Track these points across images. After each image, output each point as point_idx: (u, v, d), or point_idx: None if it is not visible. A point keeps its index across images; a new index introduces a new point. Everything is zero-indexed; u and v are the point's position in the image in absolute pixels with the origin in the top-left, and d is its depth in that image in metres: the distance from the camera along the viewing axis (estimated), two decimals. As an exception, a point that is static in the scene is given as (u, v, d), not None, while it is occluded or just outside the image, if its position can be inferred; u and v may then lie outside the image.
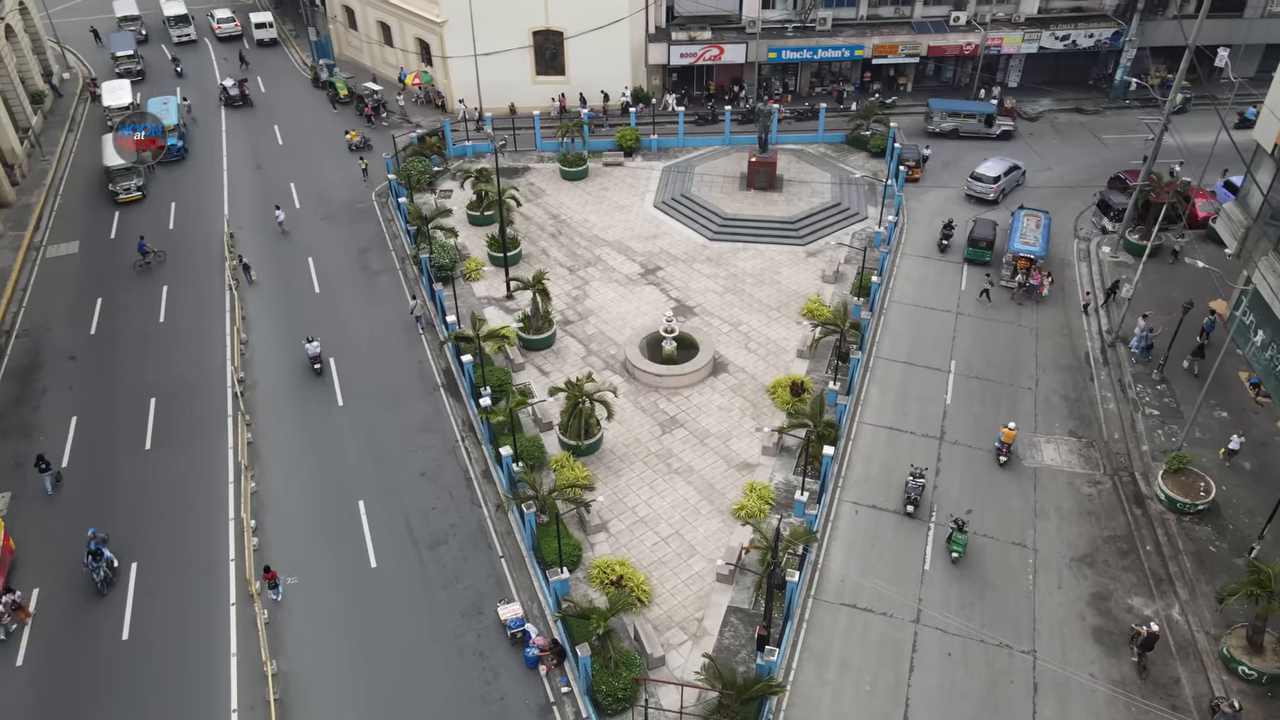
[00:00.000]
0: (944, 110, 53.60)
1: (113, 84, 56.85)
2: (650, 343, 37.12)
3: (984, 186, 47.53)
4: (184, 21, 67.59)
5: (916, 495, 30.70)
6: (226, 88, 57.42)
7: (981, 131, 53.00)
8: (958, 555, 29.07)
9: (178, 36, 67.24)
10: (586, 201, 48.20)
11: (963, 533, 29.19)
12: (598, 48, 53.92)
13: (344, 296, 41.39)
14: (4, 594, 27.48)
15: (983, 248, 42.83)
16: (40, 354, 38.15)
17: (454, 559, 29.30)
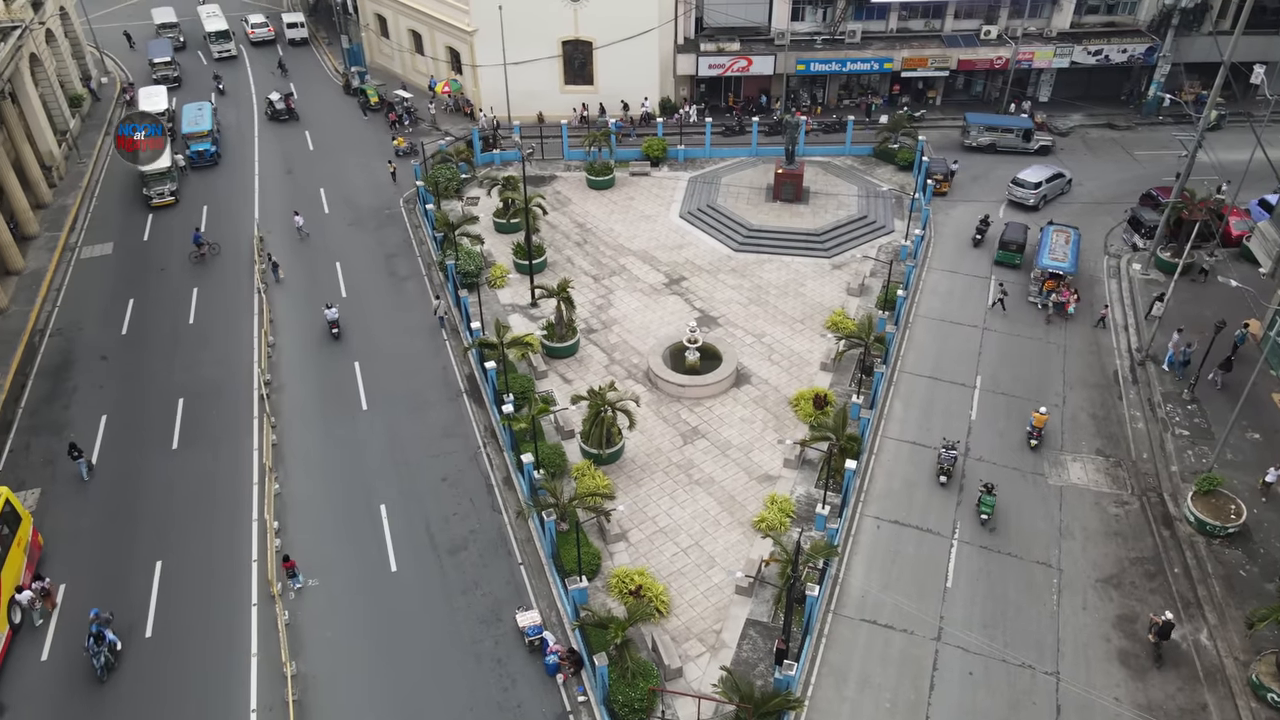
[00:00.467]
0: (981, 125, 53.24)
1: (149, 90, 57.60)
2: (673, 353, 37.10)
3: (1025, 192, 47.43)
4: (224, 37, 66.57)
5: (949, 465, 31.88)
6: (273, 101, 57.21)
7: (1019, 146, 52.55)
8: (986, 516, 30.35)
9: (219, 52, 66.30)
10: (612, 211, 48.34)
11: (991, 495, 30.45)
12: (626, 58, 54.17)
13: (370, 301, 41.73)
14: (34, 581, 28.02)
15: (1013, 250, 42.82)
16: (72, 353, 38.76)
17: (474, 565, 29.37)
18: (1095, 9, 56.56)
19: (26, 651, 26.89)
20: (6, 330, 39.80)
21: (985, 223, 44.83)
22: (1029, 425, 33.60)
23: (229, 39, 66.52)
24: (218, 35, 66.11)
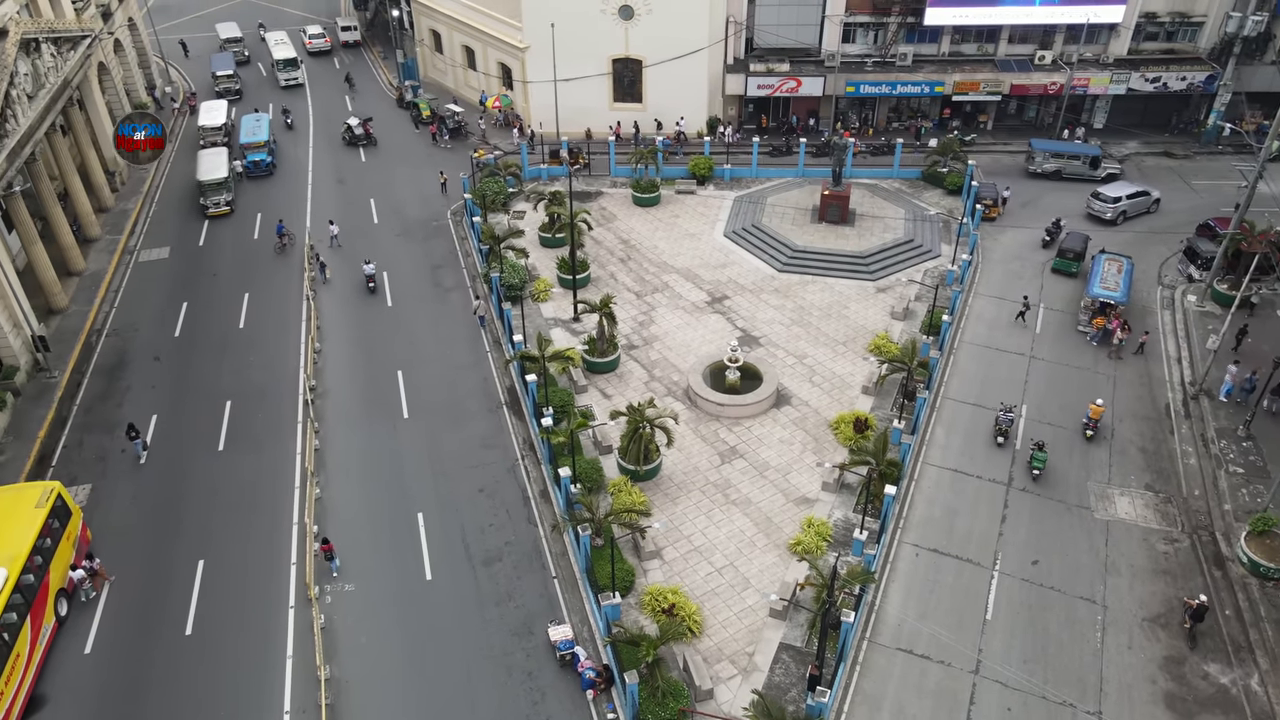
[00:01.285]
0: (1047, 151, 52.45)
1: (210, 104, 58.70)
2: (714, 371, 36.99)
3: (1103, 205, 47.26)
4: (292, 65, 65.53)
5: (1006, 426, 33.90)
6: (351, 126, 56.41)
7: (1086, 174, 51.68)
8: (1039, 472, 32.54)
9: (285, 80, 65.37)
10: (657, 228, 48.48)
11: (1043, 451, 32.70)
12: (675, 77, 54.48)
13: (415, 311, 42.28)
14: (85, 560, 28.98)
15: (1069, 259, 42.85)
16: (127, 353, 39.77)
17: (508, 577, 29.45)
18: (1154, 36, 55.63)
19: (71, 644, 27.51)
20: (66, 329, 41.01)
21: (1057, 225, 45.34)
22: (1085, 416, 34.49)
23: (296, 67, 65.81)
24: (285, 63, 65.37)
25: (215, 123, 55.81)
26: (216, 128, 55.39)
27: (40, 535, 27.43)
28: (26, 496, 28.69)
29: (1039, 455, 32.57)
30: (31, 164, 41.13)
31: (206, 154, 51.88)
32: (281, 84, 65.74)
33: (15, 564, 26.10)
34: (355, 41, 73.64)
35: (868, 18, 54.93)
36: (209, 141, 54.19)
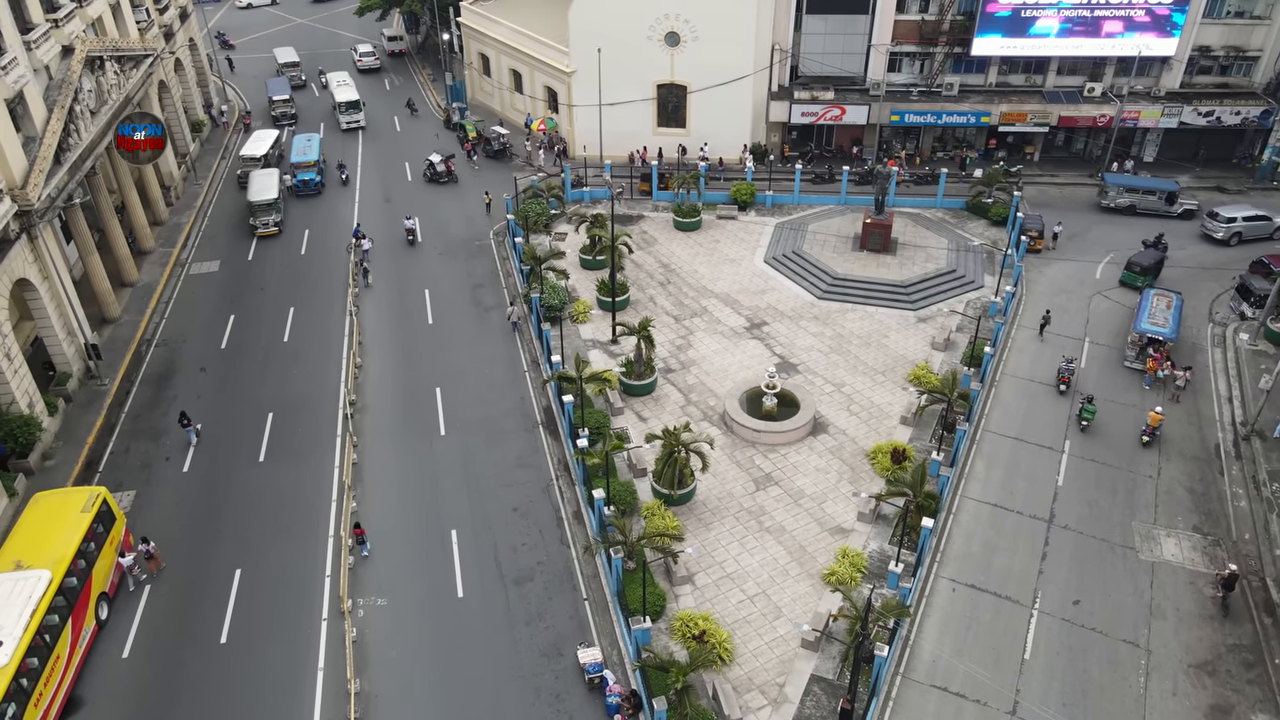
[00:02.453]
0: (1120, 185, 51.68)
1: (259, 134, 58.46)
2: (750, 397, 36.83)
3: (1216, 225, 47.29)
4: (354, 108, 62.70)
5: (1068, 375, 37.05)
6: (433, 163, 55.08)
7: (1161, 209, 50.82)
8: (1087, 423, 35.30)
9: (347, 123, 62.59)
10: (697, 252, 48.58)
11: (1092, 404, 35.38)
12: (719, 103, 54.77)
13: (455, 329, 42.72)
14: (140, 544, 29.95)
15: (1136, 273, 43.32)
16: (175, 363, 40.65)
17: (538, 597, 29.43)
18: (1208, 70, 54.81)
19: (109, 648, 27.97)
20: (118, 338, 42.05)
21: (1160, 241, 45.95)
22: (1144, 424, 35.12)
23: (359, 109, 62.98)
24: (348, 106, 62.67)
25: (256, 153, 55.93)
26: (255, 158, 55.54)
27: (85, 539, 28.01)
28: (73, 501, 29.36)
29: (1089, 408, 35.18)
30: (91, 177, 42.42)
31: (258, 174, 52.99)
32: (343, 127, 62.85)
33: (60, 567, 26.66)
34: (401, 51, 75.98)
35: (914, 47, 54.85)
36: (245, 172, 54.52)
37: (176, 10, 60.25)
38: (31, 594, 25.44)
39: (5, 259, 34.20)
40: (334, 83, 66.05)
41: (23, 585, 25.69)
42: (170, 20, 58.56)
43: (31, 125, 37.11)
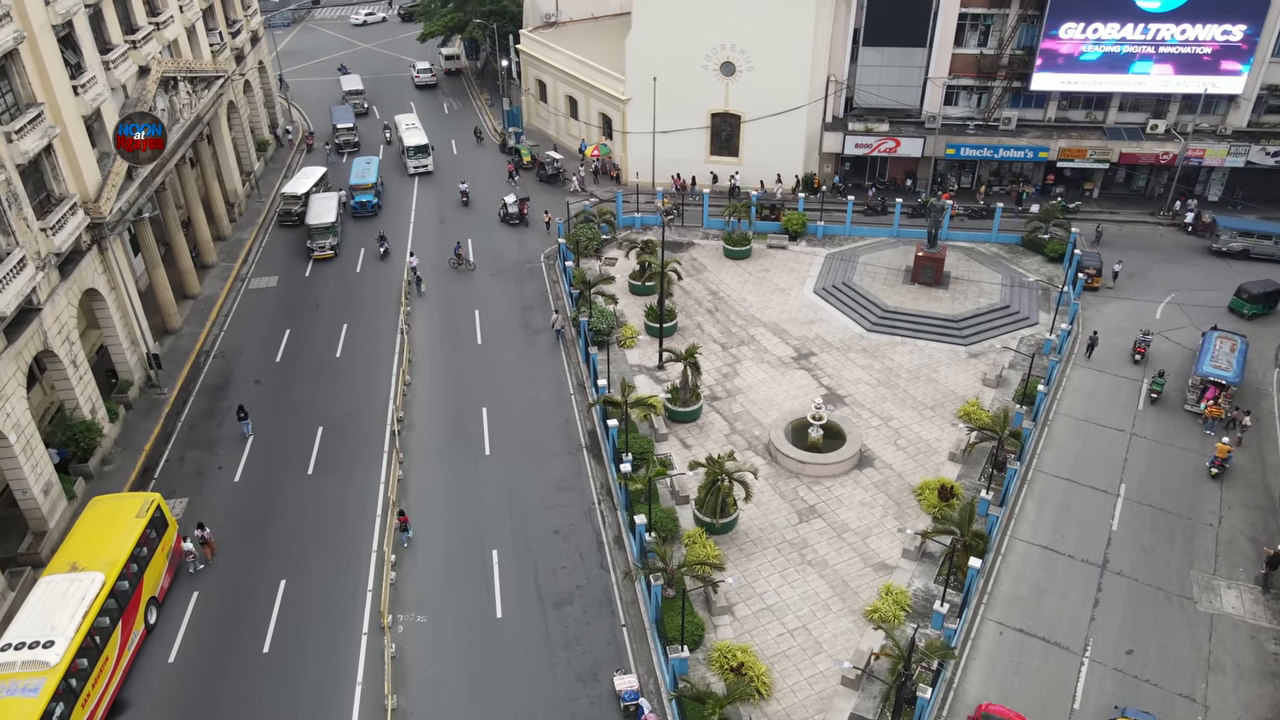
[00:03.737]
0: (1234, 230, 50.36)
1: (306, 171, 57.72)
2: (796, 428, 36.52)
3: None
4: (423, 152, 60.82)
5: (1144, 346, 39.49)
6: (507, 204, 54.01)
7: (1277, 254, 49.32)
8: (1157, 395, 37.87)
9: (415, 168, 60.64)
10: (746, 281, 48.52)
11: (1162, 378, 38.03)
12: (773, 132, 54.90)
13: (503, 350, 43.13)
14: (196, 529, 31.31)
15: (1245, 300, 43.15)
16: (231, 375, 41.63)
17: (577, 621, 29.34)
18: (1277, 108, 53.46)
19: (156, 652, 28.51)
20: (178, 349, 43.25)
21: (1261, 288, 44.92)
22: (1212, 456, 34.88)
23: (428, 154, 61.00)
24: (416, 150, 60.71)
25: (298, 191, 55.09)
26: (296, 197, 54.76)
27: (138, 544, 28.68)
28: (128, 506, 30.11)
29: (1158, 381, 37.59)
30: (160, 193, 43.91)
31: (317, 198, 53.99)
32: (411, 171, 60.72)
33: (113, 570, 27.31)
34: (458, 70, 79.46)
35: (972, 81, 54.47)
36: (285, 210, 54.56)
37: (248, 34, 62.32)
38: (85, 596, 26.07)
39: (76, 269, 35.45)
40: (402, 126, 63.76)
41: (77, 587, 26.35)
42: (241, 43, 60.59)
43: (107, 142, 38.55)
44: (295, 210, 54.50)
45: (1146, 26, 50.39)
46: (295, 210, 54.50)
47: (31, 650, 24.41)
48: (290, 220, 54.57)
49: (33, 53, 33.06)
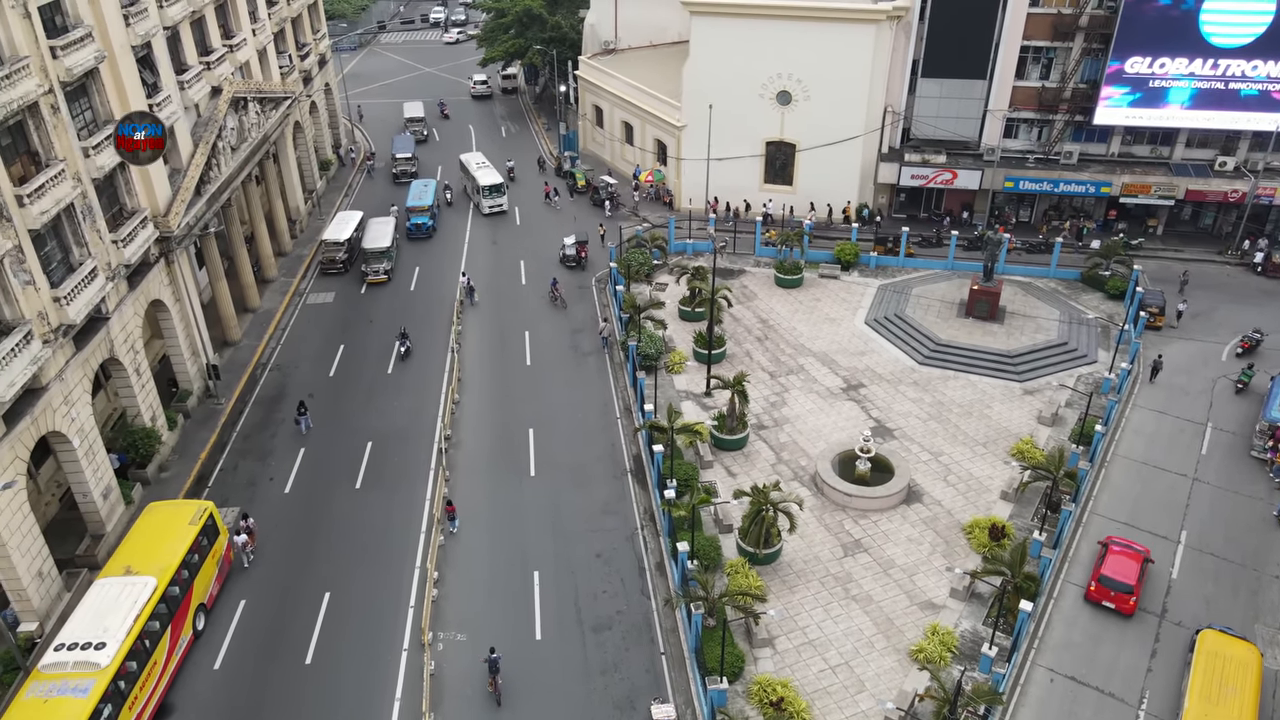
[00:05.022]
0: None
1: (342, 216, 55.09)
2: (843, 460, 36.04)
3: None
4: (498, 191, 59.18)
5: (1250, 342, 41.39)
6: (566, 246, 52.84)
7: None
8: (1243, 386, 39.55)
9: (490, 207, 59.00)
10: (797, 310, 48.23)
11: (1251, 369, 39.91)
12: (828, 162, 54.73)
13: (551, 372, 43.39)
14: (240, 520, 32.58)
15: None
16: (286, 388, 42.49)
17: (616, 647, 29.16)
18: (1353, 146, 51.81)
19: (203, 659, 29.00)
20: (236, 361, 44.31)
21: None
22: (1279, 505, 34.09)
23: (502, 193, 59.51)
24: (491, 189, 58.94)
25: (338, 238, 52.23)
26: (338, 243, 52.03)
27: (190, 550, 29.29)
28: (182, 513, 30.80)
29: (1247, 373, 38.94)
30: (226, 208, 45.24)
31: (375, 222, 54.34)
32: (485, 211, 59.22)
33: (165, 575, 27.90)
34: (514, 88, 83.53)
35: (1032, 114, 53.75)
36: (328, 258, 52.15)
37: (316, 57, 64.17)
38: (137, 599, 26.67)
39: (144, 280, 36.61)
40: (472, 165, 61.30)
41: (130, 590, 26.97)
42: (310, 66, 62.38)
43: (178, 158, 39.92)
44: (339, 258, 52.08)
45: (1216, 62, 49.29)
46: (339, 258, 52.08)
47: (84, 651, 25.01)
48: (335, 268, 52.14)
49: (112, 72, 34.46)
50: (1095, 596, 30.26)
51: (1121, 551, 30.77)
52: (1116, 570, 30.14)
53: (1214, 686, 25.81)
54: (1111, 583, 29.97)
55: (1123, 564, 30.27)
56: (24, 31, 29.10)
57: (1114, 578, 30.00)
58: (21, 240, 28.56)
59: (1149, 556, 31.10)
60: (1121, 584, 29.84)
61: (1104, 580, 30.12)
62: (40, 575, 29.04)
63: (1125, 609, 29.83)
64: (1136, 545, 31.30)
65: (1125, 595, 29.75)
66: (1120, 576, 29.96)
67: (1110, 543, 31.31)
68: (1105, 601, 30.04)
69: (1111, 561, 30.42)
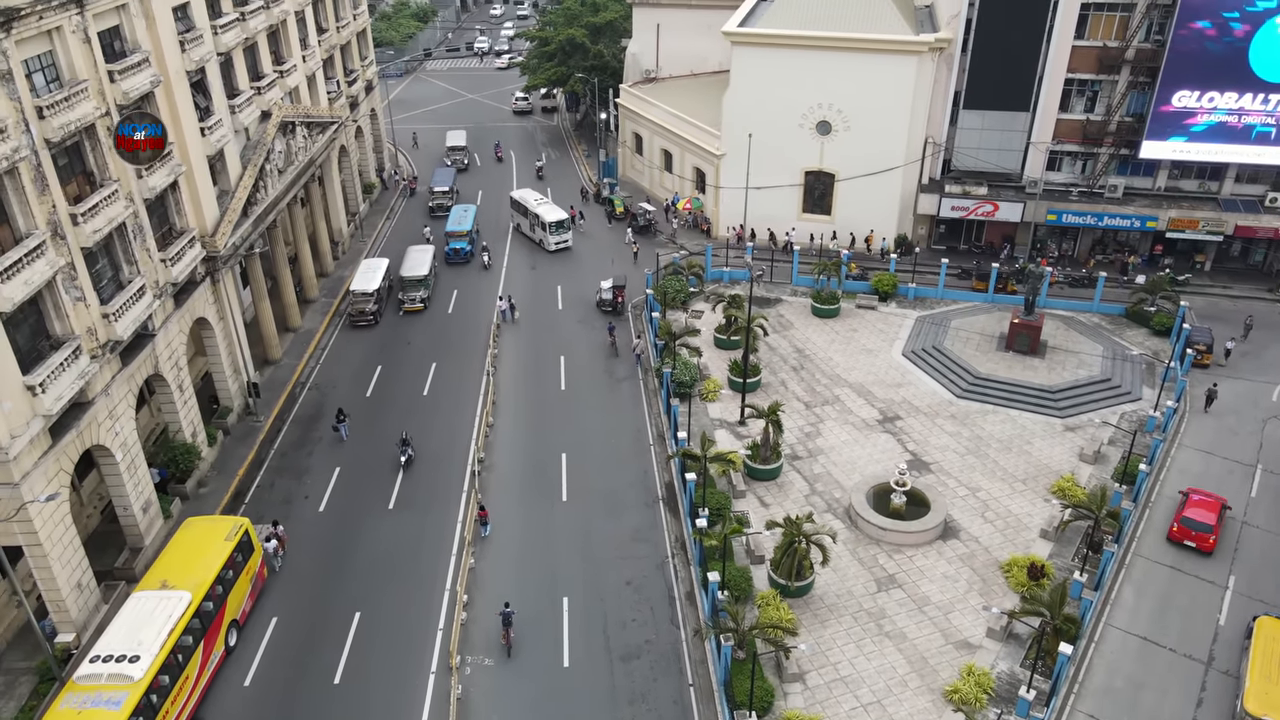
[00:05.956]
0: None
1: (367, 265, 52.59)
2: (878, 493, 35.54)
3: None
4: (563, 228, 58.10)
5: None
6: (602, 289, 51.23)
7: None
8: None
9: (556, 244, 57.92)
10: (833, 340, 47.89)
11: None
12: (867, 192, 54.55)
13: (586, 397, 43.43)
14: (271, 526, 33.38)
15: None
16: (324, 407, 42.98)
17: (644, 676, 28.86)
18: None
19: (233, 675, 29.18)
20: (276, 379, 44.97)
21: None
22: None
23: (568, 229, 58.54)
24: (556, 225, 57.73)
25: (366, 289, 49.67)
26: (367, 294, 49.59)
27: (225, 566, 29.59)
28: (218, 529, 31.16)
29: None
30: (271, 229, 46.14)
31: (414, 249, 54.47)
32: (551, 248, 57.91)
33: (199, 590, 28.20)
34: (553, 108, 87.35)
35: (1076, 147, 53.19)
36: (357, 309, 49.68)
37: (363, 83, 65.54)
38: (171, 614, 26.95)
39: (190, 299, 37.38)
40: (530, 201, 59.71)
41: (165, 605, 27.27)
42: (357, 91, 63.70)
43: (226, 180, 40.85)
44: (368, 309, 49.45)
45: (1266, 96, 48.46)
46: (368, 309, 49.45)
47: (118, 664, 25.29)
48: (365, 320, 49.48)
49: (167, 96, 35.46)
50: (1178, 536, 33.77)
51: (1201, 500, 34.39)
52: (1197, 513, 33.77)
53: (1273, 666, 27.34)
54: (1193, 523, 33.52)
55: (1203, 509, 33.93)
56: (84, 56, 30.08)
57: (1195, 519, 33.59)
58: (74, 257, 29.34)
59: (1226, 504, 34.66)
60: (1202, 524, 33.44)
61: (1185, 521, 33.69)
62: (79, 587, 29.51)
63: (1205, 547, 33.31)
64: (1214, 495, 34.86)
65: (1205, 534, 33.36)
66: (1201, 518, 33.58)
67: (1191, 492, 35.04)
68: (1187, 540, 33.54)
69: (1193, 507, 34.09)
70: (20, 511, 26.72)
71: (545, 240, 58.23)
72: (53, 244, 27.99)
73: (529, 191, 61.77)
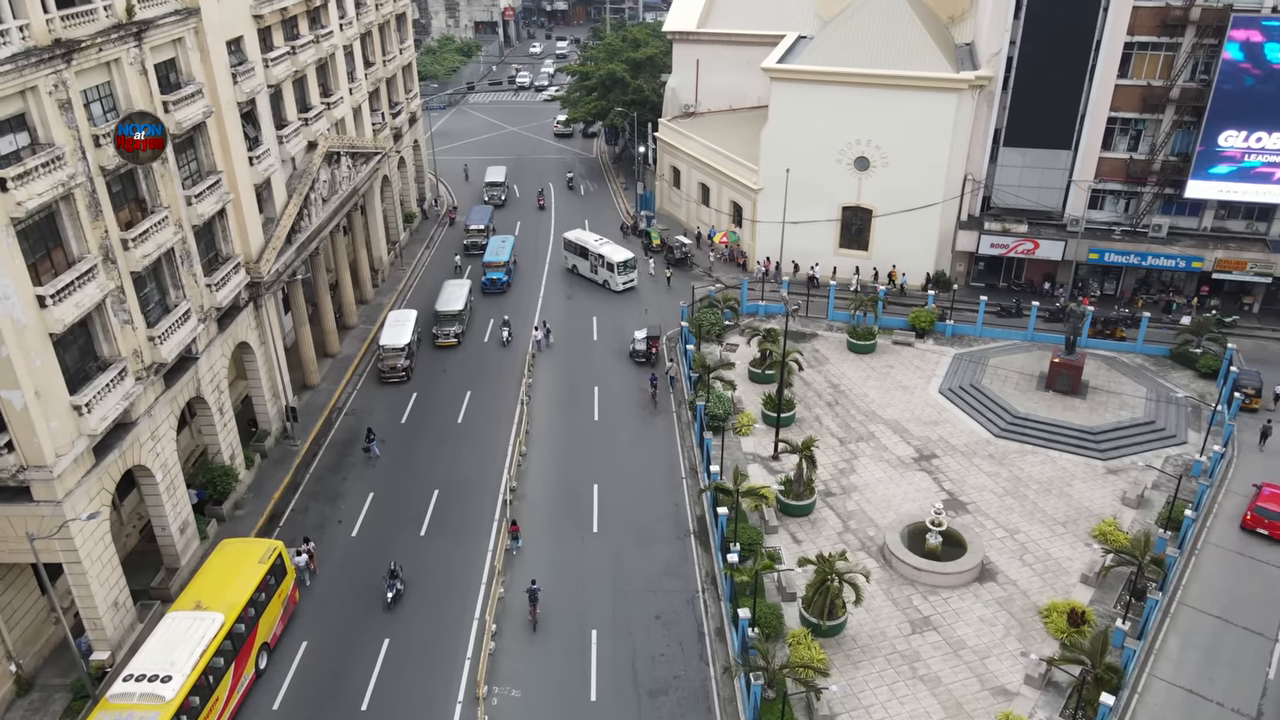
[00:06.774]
0: None
1: (396, 316, 50.32)
2: (913, 532, 34.96)
3: None
4: (629, 268, 57.68)
5: None
6: (636, 340, 49.57)
7: None
8: None
9: (624, 283, 57.30)
10: (869, 376, 47.48)
11: None
12: (905, 228, 54.31)
13: (619, 428, 43.40)
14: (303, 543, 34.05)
15: None
16: (359, 432, 43.38)
17: (671, 713, 28.48)
18: None
19: (263, 699, 29.28)
20: (313, 404, 45.54)
21: None
22: None
23: (634, 268, 58.07)
24: (624, 265, 57.24)
25: (397, 344, 47.52)
26: (398, 349, 47.50)
27: (258, 589, 29.83)
28: (252, 551, 31.46)
29: None
30: (314, 257, 46.99)
31: (450, 284, 54.53)
32: (618, 288, 57.26)
33: (232, 612, 28.41)
34: (593, 133, 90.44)
35: (1119, 185, 52.58)
36: (389, 365, 47.59)
37: (407, 115, 66.86)
38: (204, 635, 27.17)
39: (233, 323, 38.10)
40: (590, 241, 58.97)
41: (198, 626, 27.51)
42: (401, 123, 64.98)
43: (272, 208, 41.76)
44: (400, 365, 47.37)
45: (1317, 136, 47.65)
46: (400, 365, 47.37)
47: (150, 684, 25.50)
48: (396, 377, 47.37)
49: (218, 126, 36.43)
50: (1251, 524, 35.51)
51: (1275, 493, 35.94)
52: (1272, 502, 35.43)
53: None
54: (1266, 512, 35.20)
55: (1277, 499, 35.55)
56: (140, 87, 31.06)
57: (1269, 508, 35.22)
58: (124, 281, 30.09)
59: None
60: (1276, 513, 34.99)
61: (1259, 510, 35.34)
62: (116, 605, 29.90)
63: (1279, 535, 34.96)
64: None
65: (1278, 523, 34.90)
66: (1275, 507, 35.16)
67: (1265, 485, 36.70)
68: (1260, 529, 35.24)
69: (1267, 496, 35.84)
70: (62, 529, 27.20)
71: (611, 281, 57.52)
72: (103, 268, 28.76)
73: (586, 233, 61.00)
